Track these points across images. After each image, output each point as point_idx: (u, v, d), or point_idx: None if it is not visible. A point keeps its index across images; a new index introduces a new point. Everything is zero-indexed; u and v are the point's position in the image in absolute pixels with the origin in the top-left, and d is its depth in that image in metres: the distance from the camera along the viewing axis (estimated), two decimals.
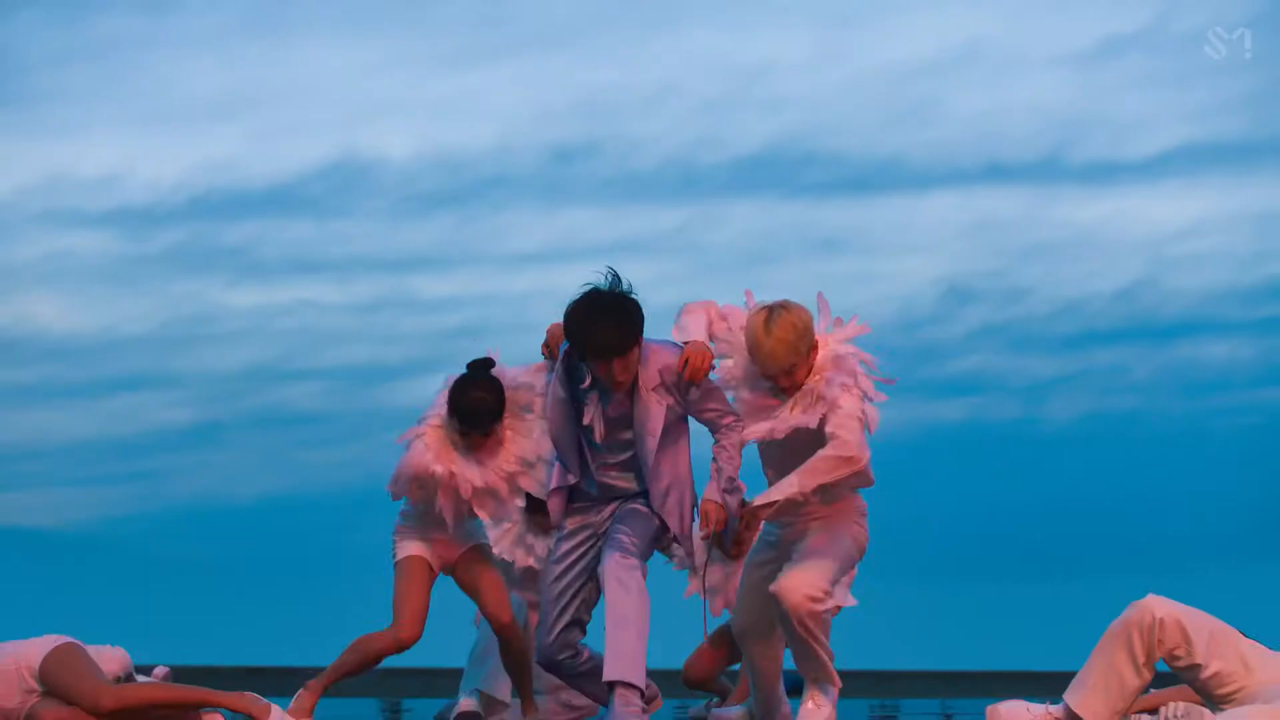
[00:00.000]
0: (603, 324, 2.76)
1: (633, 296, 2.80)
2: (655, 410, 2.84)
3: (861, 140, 8.36)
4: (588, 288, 2.77)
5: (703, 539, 2.82)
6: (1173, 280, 8.47)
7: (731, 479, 2.85)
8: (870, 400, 2.87)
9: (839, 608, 3.23)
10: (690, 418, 2.96)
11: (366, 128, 8.40)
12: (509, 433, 3.13)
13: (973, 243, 8.67)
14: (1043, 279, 8.51)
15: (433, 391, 3.11)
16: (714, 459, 2.85)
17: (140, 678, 3.07)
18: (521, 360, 3.12)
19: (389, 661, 3.19)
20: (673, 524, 2.90)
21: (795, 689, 2.95)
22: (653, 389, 2.85)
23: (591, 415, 2.86)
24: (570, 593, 2.89)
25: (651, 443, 2.83)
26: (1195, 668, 2.55)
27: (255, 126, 8.25)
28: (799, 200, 8.51)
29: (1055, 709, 2.63)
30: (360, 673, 3.19)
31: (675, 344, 2.88)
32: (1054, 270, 8.55)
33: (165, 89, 8.15)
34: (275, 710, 2.94)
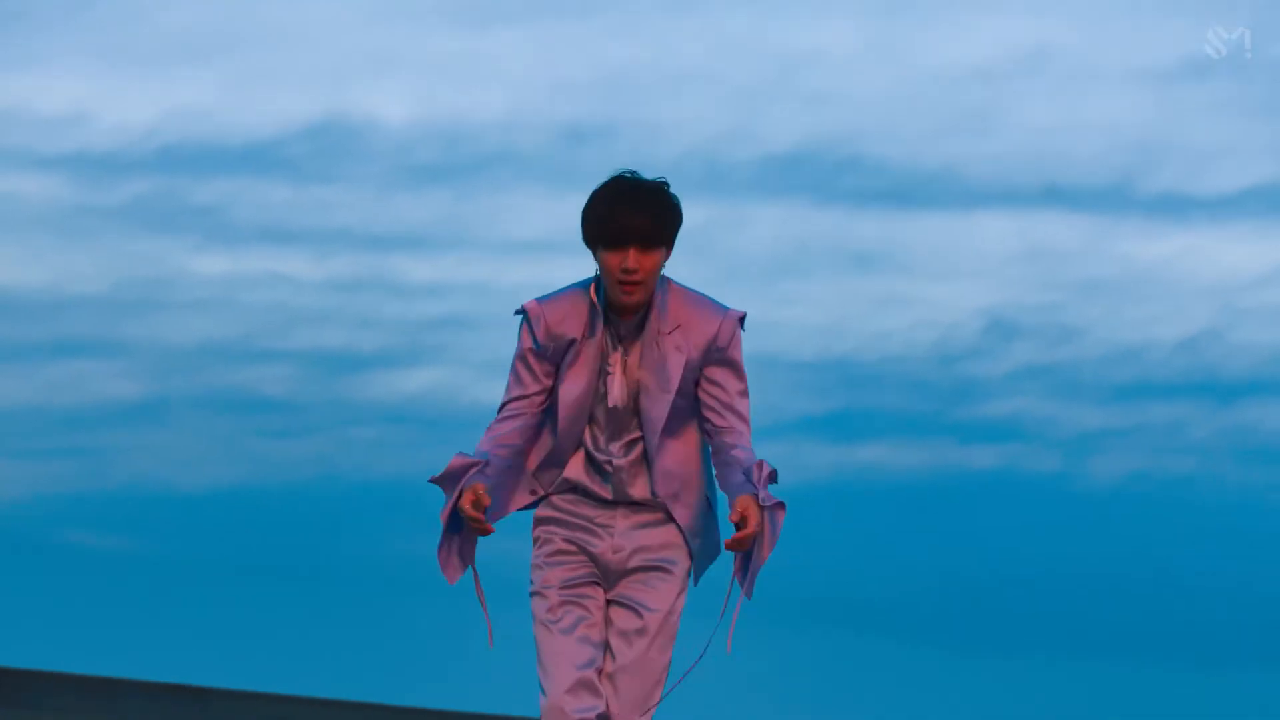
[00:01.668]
0: (632, 201, 2.22)
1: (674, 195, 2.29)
2: (674, 358, 2.31)
3: (908, 148, 7.60)
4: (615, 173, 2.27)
5: (730, 547, 2.19)
6: (1242, 333, 7.69)
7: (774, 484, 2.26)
8: None
9: None
10: None
11: (360, 84, 7.65)
12: None
13: (1023, 272, 7.90)
14: (1098, 319, 7.75)
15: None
16: (737, 458, 2.25)
17: None
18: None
19: None
20: (682, 519, 2.33)
21: None
22: (668, 333, 2.31)
23: (615, 371, 2.31)
24: (577, 640, 2.31)
25: (665, 404, 2.28)
26: None
27: (237, 73, 7.49)
28: (834, 208, 7.75)
29: None
30: None
31: (715, 302, 2.31)
32: (1112, 311, 7.78)
33: (141, 23, 7.40)
34: None
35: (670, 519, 2.34)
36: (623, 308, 2.27)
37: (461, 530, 2.29)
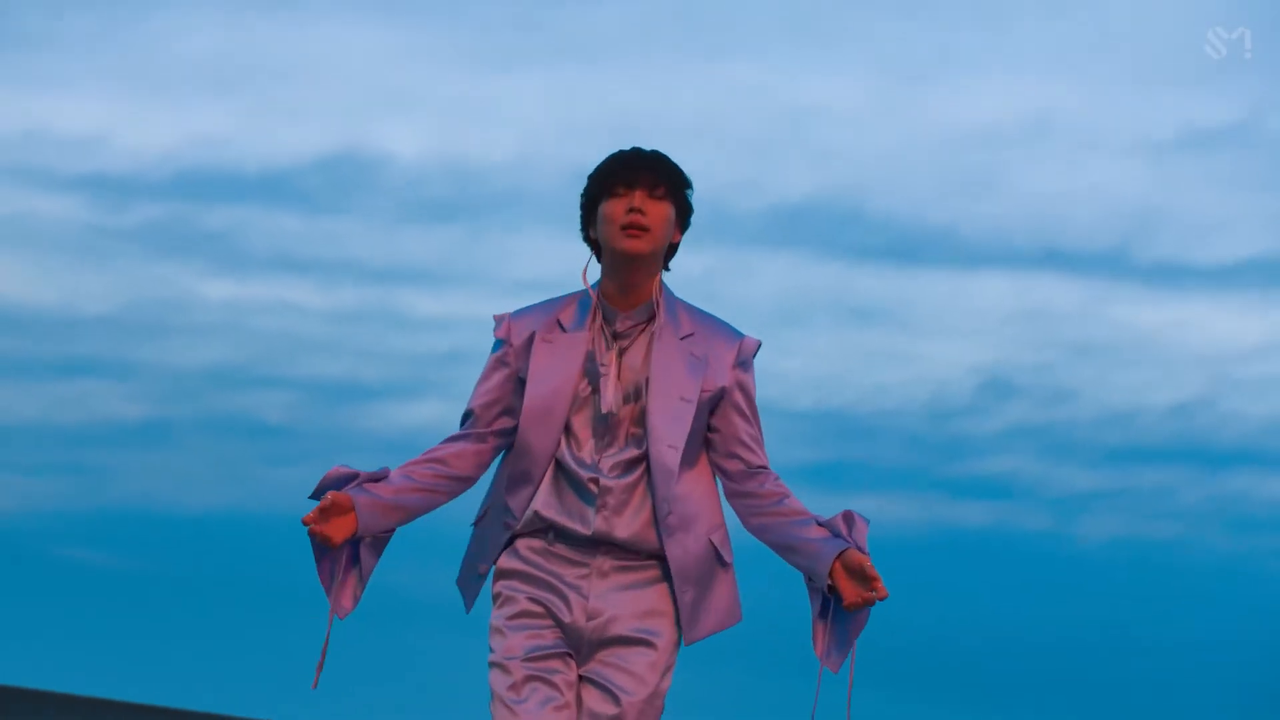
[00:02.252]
0: (636, 153, 1.93)
1: None
2: (681, 363, 1.90)
3: (911, 205, 7.71)
4: None
5: (857, 605, 1.78)
6: (1234, 403, 7.78)
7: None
8: None
9: None
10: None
11: (375, 120, 7.76)
12: None
13: (1020, 332, 8.00)
14: (1092, 382, 7.83)
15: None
16: (784, 504, 1.89)
17: None
18: None
19: None
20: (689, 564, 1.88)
21: None
22: (682, 338, 1.92)
23: (609, 371, 1.90)
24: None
25: (685, 415, 1.87)
26: None
27: (255, 104, 7.61)
28: (836, 261, 7.85)
29: None
30: None
31: (728, 324, 1.97)
32: (1105, 375, 7.87)
33: (164, 50, 7.52)
34: None
35: (660, 578, 1.90)
36: (626, 260, 1.88)
37: (351, 552, 1.94)
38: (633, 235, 1.89)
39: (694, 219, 1.98)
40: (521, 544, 1.92)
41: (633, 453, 1.90)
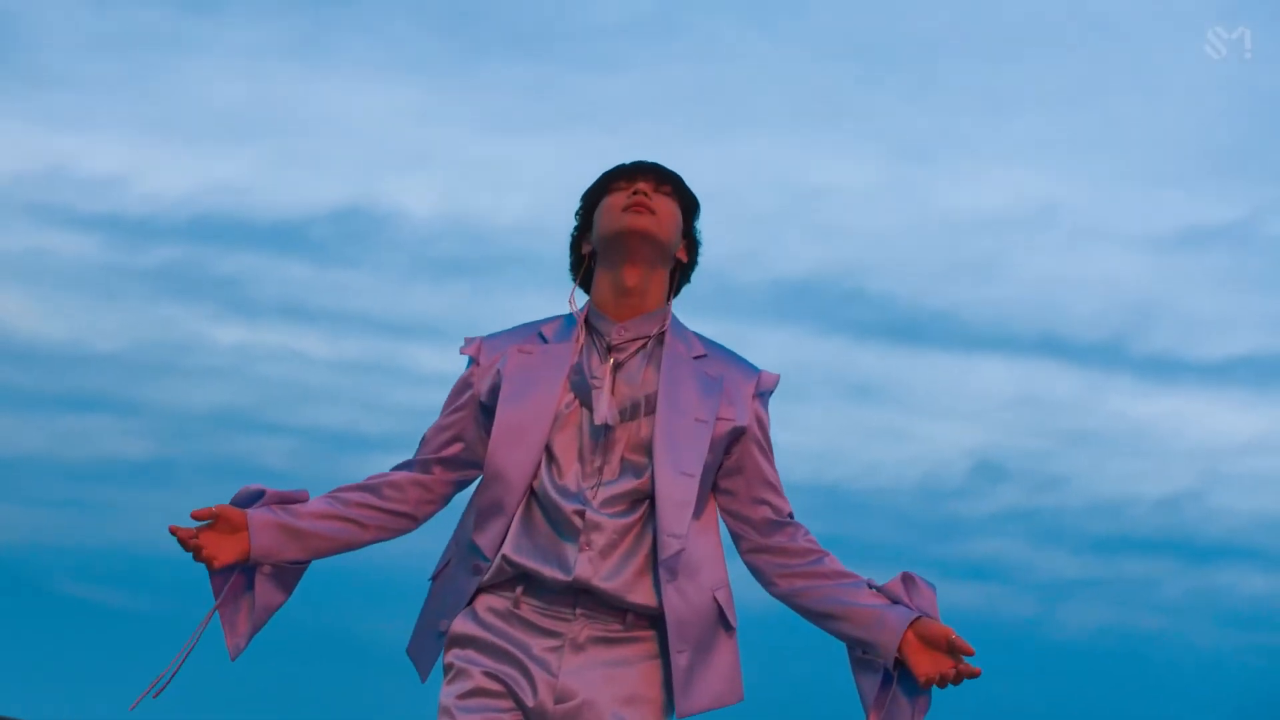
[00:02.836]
0: (640, 160, 1.71)
1: None
2: (693, 381, 1.60)
3: (913, 286, 7.81)
4: None
5: (941, 680, 1.52)
6: (1222, 498, 7.84)
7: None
8: None
9: None
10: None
11: (389, 176, 7.88)
12: None
13: (1015, 417, 8.07)
14: (1083, 470, 7.90)
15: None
16: (825, 563, 1.60)
17: None
18: None
19: None
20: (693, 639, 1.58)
21: None
22: (696, 357, 1.65)
23: (602, 385, 1.59)
24: None
25: (701, 438, 1.56)
26: None
27: (273, 154, 7.73)
28: (837, 337, 7.94)
29: None
30: None
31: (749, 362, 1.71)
32: (1097, 463, 7.93)
33: (188, 97, 7.65)
34: None
35: (647, 655, 1.57)
36: (628, 242, 1.62)
37: (245, 581, 1.65)
38: (637, 210, 1.64)
39: (698, 289, 1.77)
40: (482, 603, 1.59)
41: (630, 483, 1.57)
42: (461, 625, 1.60)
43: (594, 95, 7.64)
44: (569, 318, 1.68)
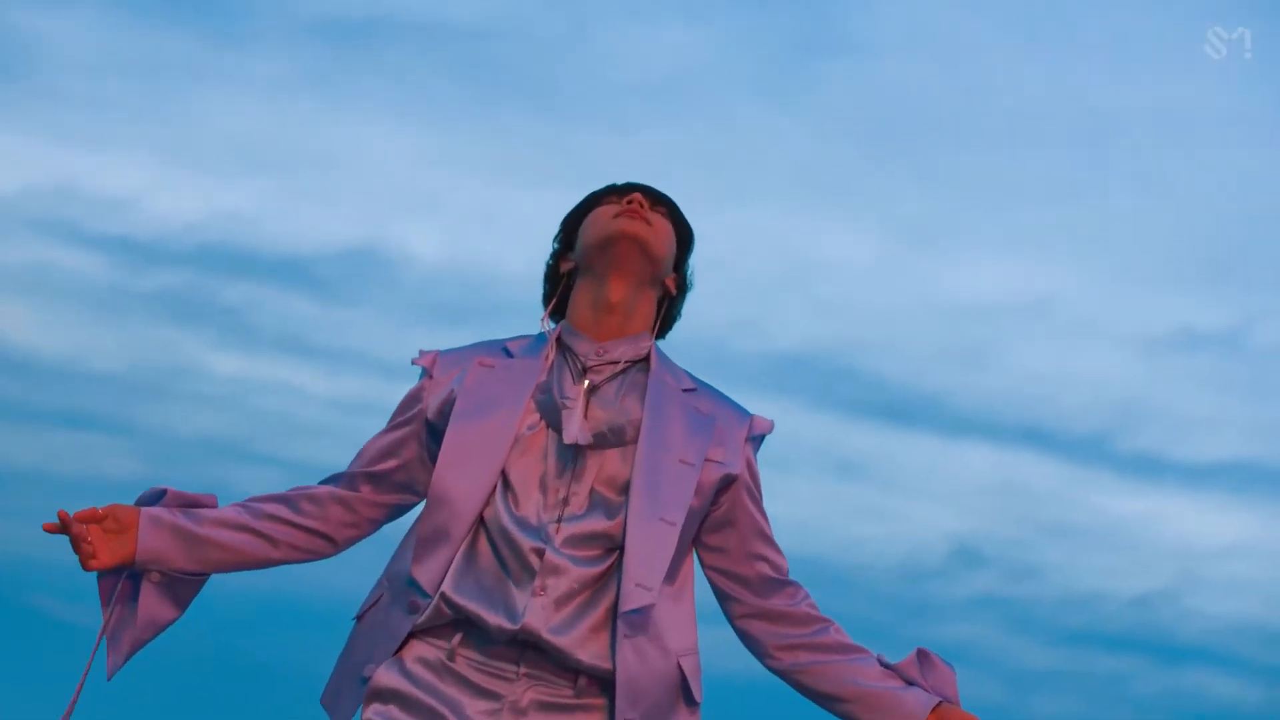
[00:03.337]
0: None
1: None
2: (681, 415, 1.40)
3: (905, 367, 7.89)
4: None
5: None
6: (1196, 600, 7.88)
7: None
8: None
9: None
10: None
11: (398, 218, 7.97)
12: None
13: (996, 505, 8.13)
14: (1060, 563, 7.95)
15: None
16: (829, 634, 1.41)
17: None
18: None
19: None
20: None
21: None
22: (683, 391, 1.45)
23: (574, 406, 1.37)
24: None
25: (686, 482, 1.34)
26: None
27: (285, 187, 7.82)
28: (827, 413, 8.01)
29: None
30: None
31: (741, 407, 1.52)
32: (1074, 557, 7.98)
33: (204, 125, 7.74)
34: None
35: (602, 710, 1.34)
36: (616, 250, 1.45)
37: (131, 590, 1.45)
38: (631, 216, 1.48)
39: (694, 354, 1.59)
40: (412, 651, 1.37)
41: (600, 523, 1.36)
42: (386, 677, 1.36)
43: (604, 154, 7.74)
44: (539, 336, 1.49)
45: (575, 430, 1.38)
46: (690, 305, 1.72)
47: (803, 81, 7.49)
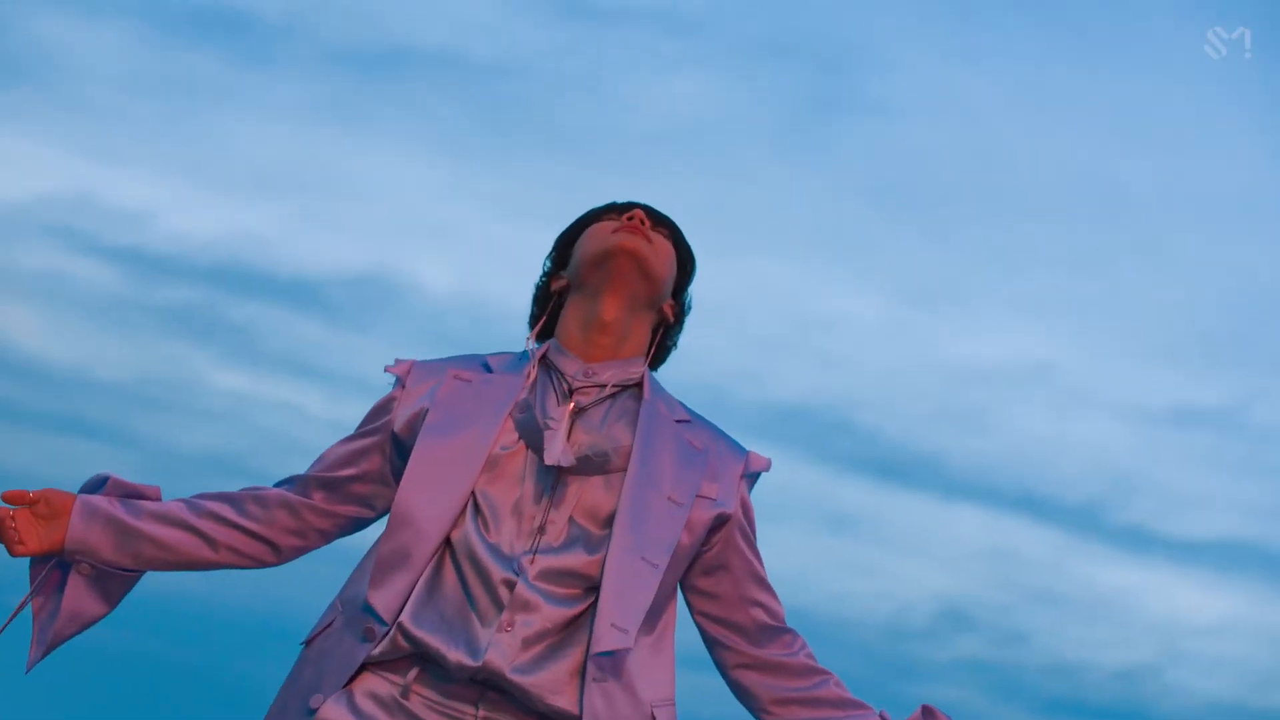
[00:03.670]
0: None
1: None
2: (672, 447, 1.30)
3: (903, 427, 7.94)
4: None
5: None
6: (1180, 676, 7.90)
7: None
8: None
9: None
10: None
11: (410, 248, 8.04)
12: None
13: (986, 569, 8.16)
14: (1047, 630, 7.97)
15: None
16: (829, 687, 1.33)
17: None
18: None
19: None
20: None
21: None
22: (676, 422, 1.35)
23: (558, 427, 1.26)
24: None
25: (674, 520, 1.23)
26: None
27: (300, 211, 7.91)
28: (823, 466, 8.06)
29: None
30: None
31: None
32: (1060, 625, 8.01)
33: (224, 146, 7.83)
34: None
35: None
36: (614, 266, 1.37)
37: (59, 580, 1.35)
38: (631, 232, 1.41)
39: (695, 399, 1.49)
40: (363, 684, 1.25)
41: (578, 558, 1.25)
42: (333, 710, 1.24)
43: (616, 198, 7.80)
44: (523, 354, 1.40)
45: (557, 452, 1.26)
46: (693, 352, 1.63)
47: (818, 138, 7.57)
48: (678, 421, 1.37)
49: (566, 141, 7.59)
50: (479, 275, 8.18)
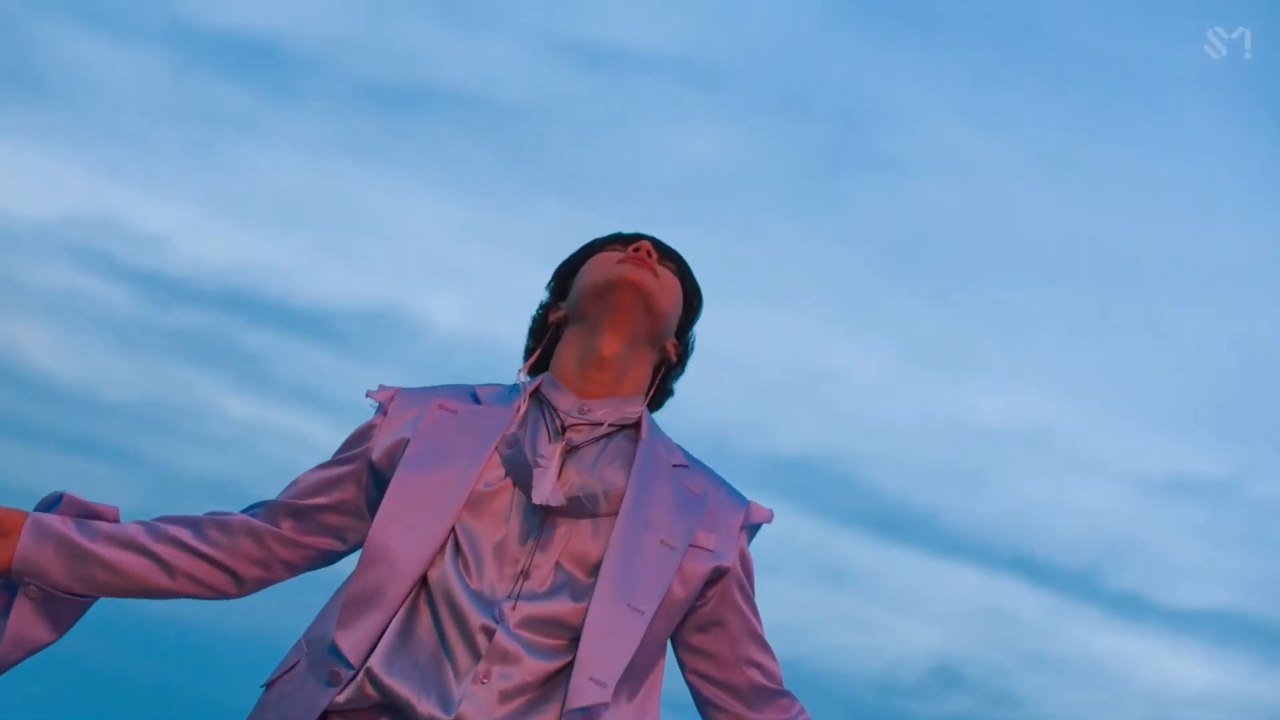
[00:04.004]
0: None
1: None
2: (668, 491, 1.22)
3: (901, 483, 7.99)
4: None
5: None
6: None
7: None
8: None
9: None
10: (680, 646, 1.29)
11: (422, 285, 8.13)
12: None
13: (979, 628, 8.19)
14: (1039, 693, 7.99)
15: None
16: None
17: None
18: None
19: None
20: None
21: None
22: (674, 466, 1.28)
23: (548, 465, 1.18)
24: None
25: (666, 564, 1.14)
26: None
27: (316, 243, 8.00)
28: (821, 519, 8.11)
29: None
30: None
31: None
32: (1052, 689, 8.03)
33: (245, 175, 7.93)
34: None
35: None
36: (616, 299, 1.29)
37: (5, 601, 1.26)
38: (636, 263, 1.33)
39: (698, 447, 1.41)
40: None
41: (563, 605, 1.16)
42: None
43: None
44: (514, 386, 1.32)
45: (546, 491, 1.18)
46: (697, 399, 1.56)
47: (831, 193, 7.65)
48: (676, 466, 1.29)
49: (583, 186, 7.68)
50: (489, 313, 8.25)
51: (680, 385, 1.48)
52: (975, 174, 7.63)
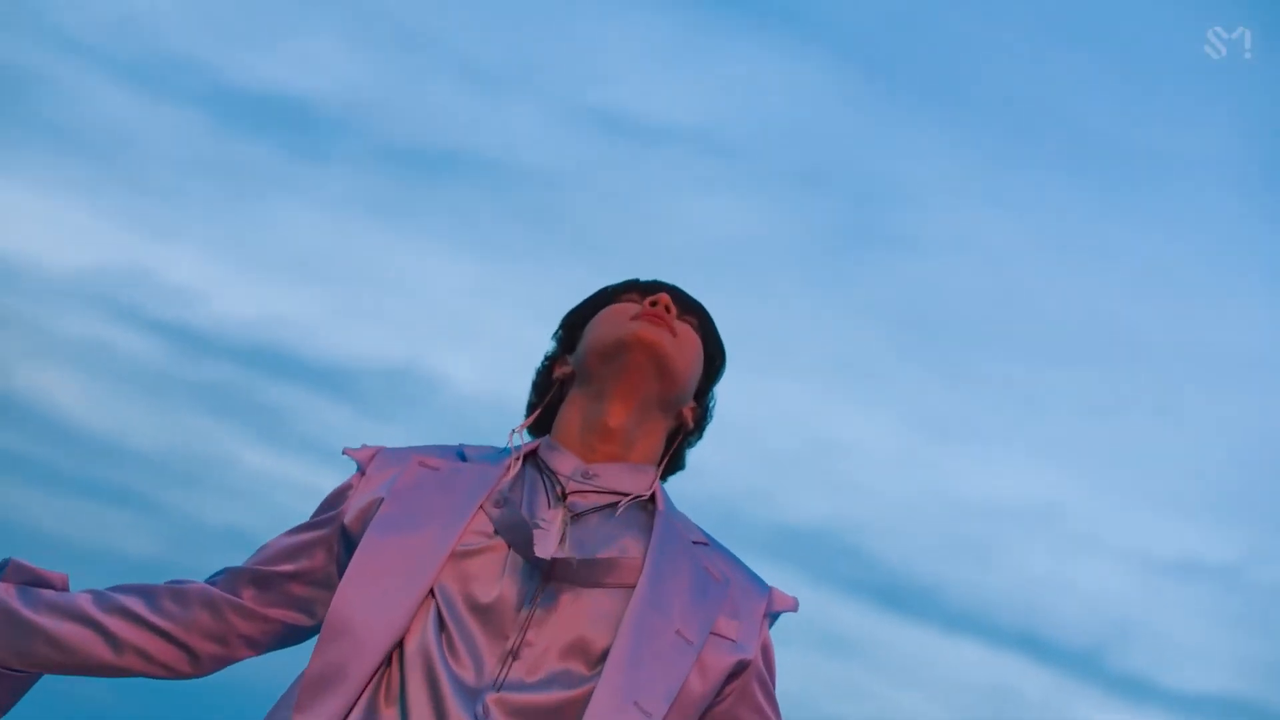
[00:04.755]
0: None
1: None
2: (686, 571, 1.07)
3: (907, 556, 8.04)
4: None
5: None
6: None
7: None
8: None
9: None
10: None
11: (441, 345, 8.24)
12: None
13: (981, 704, 8.21)
14: None
15: None
16: None
17: None
18: None
19: None
20: None
21: None
22: (693, 543, 1.15)
23: (550, 527, 1.04)
24: None
25: (683, 659, 1.00)
26: None
27: (338, 300, 8.13)
28: (824, 589, 8.15)
29: None
30: None
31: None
32: None
33: (271, 231, 8.08)
34: None
35: None
36: (630, 360, 1.15)
37: None
38: (652, 321, 1.20)
39: (706, 513, 1.26)
40: None
41: (558, 695, 1.01)
42: None
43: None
44: (505, 449, 1.19)
45: (550, 545, 1.03)
46: (707, 468, 1.44)
47: (844, 267, 7.76)
48: (695, 543, 1.16)
49: (600, 251, 7.79)
50: (507, 375, 8.34)
51: (694, 454, 1.34)
52: (988, 252, 7.73)
